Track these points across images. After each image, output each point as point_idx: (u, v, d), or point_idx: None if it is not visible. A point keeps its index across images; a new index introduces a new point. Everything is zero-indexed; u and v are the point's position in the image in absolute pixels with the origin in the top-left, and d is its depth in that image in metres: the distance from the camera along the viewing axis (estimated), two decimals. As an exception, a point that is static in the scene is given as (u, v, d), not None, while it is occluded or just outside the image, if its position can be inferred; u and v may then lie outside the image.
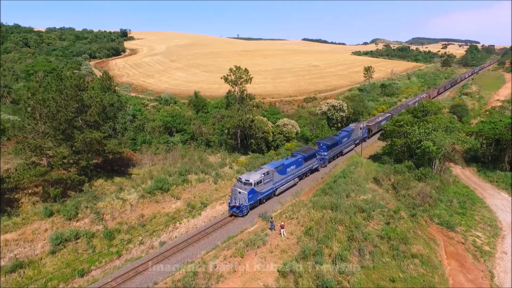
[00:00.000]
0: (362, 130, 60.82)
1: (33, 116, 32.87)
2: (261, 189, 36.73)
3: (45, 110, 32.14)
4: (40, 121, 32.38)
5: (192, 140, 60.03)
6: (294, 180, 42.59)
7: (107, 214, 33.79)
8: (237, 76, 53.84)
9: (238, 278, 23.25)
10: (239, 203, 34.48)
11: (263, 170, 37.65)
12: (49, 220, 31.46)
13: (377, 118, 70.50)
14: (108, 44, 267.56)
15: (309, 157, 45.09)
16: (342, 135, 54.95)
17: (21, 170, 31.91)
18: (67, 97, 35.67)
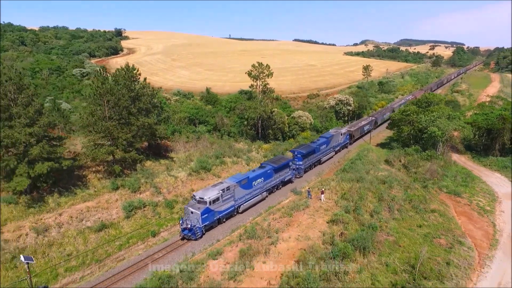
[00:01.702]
0: (343, 136, 56.95)
1: (98, 102, 37.77)
2: (219, 208, 31.98)
3: (112, 97, 37.07)
4: (107, 107, 37.28)
5: (214, 130, 65.28)
6: (262, 194, 37.98)
7: (163, 188, 38.92)
8: (259, 71, 59.20)
9: (295, 228, 28.86)
10: (191, 225, 29.93)
11: (222, 185, 32.77)
12: (117, 193, 36.44)
13: (360, 123, 67.42)
14: (106, 43, 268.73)
15: (281, 167, 40.25)
16: (319, 142, 50.11)
17: (91, 150, 36.78)
18: (124, 86, 40.60)
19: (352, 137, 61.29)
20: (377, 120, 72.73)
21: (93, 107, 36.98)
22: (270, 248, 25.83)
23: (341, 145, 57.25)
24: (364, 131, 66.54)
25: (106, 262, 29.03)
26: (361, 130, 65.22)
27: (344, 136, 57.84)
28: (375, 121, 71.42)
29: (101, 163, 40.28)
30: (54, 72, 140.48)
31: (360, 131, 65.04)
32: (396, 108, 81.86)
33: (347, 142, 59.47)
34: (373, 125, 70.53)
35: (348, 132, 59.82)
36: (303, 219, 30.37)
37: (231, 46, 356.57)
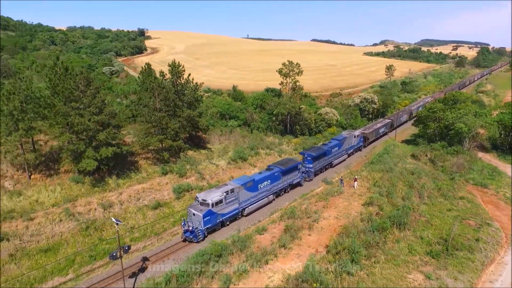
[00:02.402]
0: (356, 138, 54.98)
1: (149, 95, 41.84)
2: (222, 210, 31.16)
3: (163, 91, 41.03)
4: (158, 100, 41.26)
5: (244, 125, 68.78)
6: (269, 197, 36.69)
7: (206, 174, 42.61)
8: (289, 69, 62.24)
9: (333, 210, 31.88)
10: (193, 227, 29.49)
11: (226, 187, 31.99)
12: (166, 177, 40.34)
13: (375, 125, 64.96)
14: (130, 42, 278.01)
15: (289, 170, 38.95)
16: (331, 145, 48.63)
17: (143, 138, 40.86)
18: (170, 81, 44.55)
19: (366, 139, 59.00)
20: (394, 122, 70.18)
21: (147, 100, 40.99)
22: (313, 224, 28.93)
23: (355, 148, 55.30)
24: (380, 133, 64.52)
25: (163, 235, 32.78)
26: (376, 133, 62.86)
27: (358, 139, 55.76)
28: (391, 123, 69.01)
29: (149, 150, 44.44)
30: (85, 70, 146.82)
31: (375, 134, 62.79)
32: (414, 110, 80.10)
33: (360, 145, 57.35)
34: (389, 128, 68.46)
35: (362, 135, 57.63)
36: (339, 202, 33.32)
37: (250, 46, 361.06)
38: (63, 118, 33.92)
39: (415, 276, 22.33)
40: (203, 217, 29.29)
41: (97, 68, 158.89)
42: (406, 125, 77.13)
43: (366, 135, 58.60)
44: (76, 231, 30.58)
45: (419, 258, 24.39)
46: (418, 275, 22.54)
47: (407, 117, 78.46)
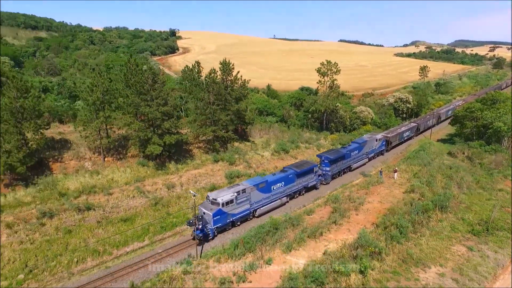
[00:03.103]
0: (378, 142, 53.15)
1: (205, 91, 46.20)
2: (233, 210, 31.03)
3: (216, 86, 45.27)
4: (211, 94, 45.53)
5: (281, 121, 72.22)
6: (282, 199, 36.20)
7: (253, 163, 46.43)
8: (327, 68, 64.99)
9: (375, 196, 34.69)
10: (203, 225, 29.47)
11: (238, 187, 31.92)
12: (218, 164, 44.52)
13: (399, 129, 62.08)
14: (164, 42, 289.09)
15: (304, 172, 38.31)
16: (351, 148, 47.26)
17: (198, 128, 45.26)
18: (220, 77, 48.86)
19: (389, 143, 56.72)
20: (420, 126, 67.28)
21: (203, 94, 45.38)
22: (358, 206, 31.91)
23: (376, 152, 53.20)
24: (404, 138, 61.58)
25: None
26: (400, 137, 60.01)
27: (380, 142, 53.78)
28: (417, 127, 66.32)
29: (200, 141, 48.89)
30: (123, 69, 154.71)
31: (399, 138, 59.91)
32: (443, 114, 77.62)
33: (383, 149, 55.30)
34: (415, 132, 65.96)
35: (385, 138, 55.61)
36: (381, 190, 36.04)
37: (277, 46, 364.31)
38: (134, 108, 38.79)
39: (458, 248, 24.80)
40: (213, 216, 29.32)
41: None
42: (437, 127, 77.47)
43: (389, 139, 56.48)
44: (147, 206, 35.24)
45: (461, 235, 26.77)
46: (461, 247, 24.99)
47: (434, 121, 74.78)
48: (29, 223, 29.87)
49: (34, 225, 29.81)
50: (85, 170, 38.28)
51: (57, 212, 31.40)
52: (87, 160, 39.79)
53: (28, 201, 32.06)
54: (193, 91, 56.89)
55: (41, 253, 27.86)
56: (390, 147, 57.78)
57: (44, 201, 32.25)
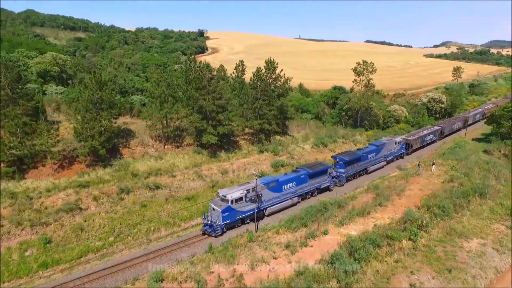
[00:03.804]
0: (397, 145, 51.71)
1: (252, 87, 50.32)
2: (243, 208, 31.58)
3: (262, 83, 49.28)
4: (258, 90, 49.57)
5: (315, 118, 75.41)
6: (293, 199, 36.29)
7: (295, 155, 50.08)
8: (363, 68, 67.55)
9: (415, 185, 37.45)
10: (212, 221, 30.50)
11: (248, 186, 32.40)
12: (263, 154, 48.52)
13: (421, 132, 60.32)
14: (193, 42, 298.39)
15: (317, 173, 38.21)
16: (367, 150, 46.58)
17: (245, 121, 49.43)
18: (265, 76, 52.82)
19: (409, 147, 55.12)
20: (444, 130, 65.00)
21: (250, 91, 49.54)
22: (400, 193, 34.85)
23: (395, 155, 51.92)
24: (426, 141, 59.71)
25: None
26: (421, 140, 58.09)
27: (399, 145, 52.38)
28: (441, 131, 64.13)
29: (246, 133, 53.10)
30: (159, 67, 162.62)
31: (421, 141, 57.96)
32: (470, 118, 74.66)
33: (402, 152, 53.81)
34: (438, 136, 63.94)
35: (405, 141, 54.10)
36: (420, 180, 38.72)
37: (304, 46, 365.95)
38: (193, 102, 43.44)
39: (497, 226, 27.27)
40: (222, 212, 30.03)
41: (169, 66, 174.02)
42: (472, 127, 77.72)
43: (410, 142, 54.86)
44: (205, 187, 39.71)
45: (500, 217, 29.10)
46: (500, 226, 27.42)
47: (461, 125, 71.90)
48: (111, 197, 34.98)
49: (115, 199, 34.89)
50: (150, 155, 43.32)
51: (132, 189, 36.39)
52: (150, 147, 44.87)
53: (107, 179, 37.29)
54: (236, 88, 61.31)
55: (124, 221, 32.84)
56: (411, 151, 55.99)
57: (120, 180, 37.37)
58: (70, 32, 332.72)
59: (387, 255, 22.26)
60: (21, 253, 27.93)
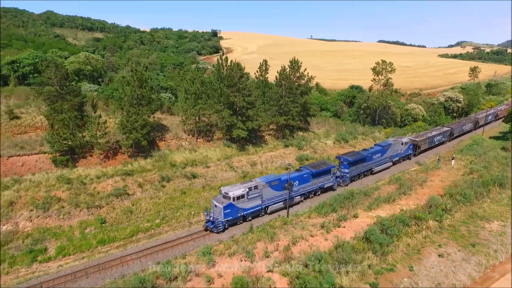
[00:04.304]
0: (404, 145, 51.12)
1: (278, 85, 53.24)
2: (244, 205, 32.22)
3: (288, 82, 52.11)
4: (284, 88, 52.42)
5: (334, 116, 77.78)
6: (295, 198, 36.78)
7: (318, 149, 52.74)
8: (382, 67, 69.64)
9: (436, 177, 39.72)
10: (214, 218, 31.31)
11: (250, 183, 33.14)
12: (288, 149, 51.36)
13: (429, 133, 59.45)
14: (208, 42, 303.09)
15: (320, 173, 38.40)
16: (372, 151, 46.20)
17: (271, 117, 52.34)
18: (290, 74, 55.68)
19: (417, 147, 54.28)
20: (454, 131, 64.08)
21: (276, 88, 52.45)
22: (422, 183, 37.21)
23: (401, 156, 51.39)
24: (435, 142, 58.72)
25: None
26: (430, 141, 57.13)
27: (406, 146, 51.75)
28: (451, 132, 63.25)
29: (270, 128, 56.00)
30: (177, 67, 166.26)
31: (429, 142, 56.98)
32: (482, 119, 74.33)
33: (409, 153, 53.21)
34: (448, 137, 63.10)
35: (412, 142, 53.46)
36: (440, 173, 40.95)
37: (317, 46, 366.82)
38: (224, 98, 46.54)
39: None
40: (224, 209, 30.73)
41: (186, 65, 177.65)
42: (490, 125, 78.71)
43: (417, 143, 54.09)
44: (237, 177, 42.72)
45: (520, 204, 31.37)
46: None
47: (471, 126, 71.09)
48: (154, 184, 38.34)
49: (157, 186, 38.24)
50: (184, 148, 46.63)
51: (172, 178, 39.69)
52: (184, 140, 48.17)
53: (149, 168, 40.67)
54: (259, 86, 64.22)
55: (167, 206, 36.11)
56: (418, 152, 55.11)
57: (161, 169, 40.71)
58: (88, 33, 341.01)
59: (415, 233, 24.85)
60: (81, 231, 31.43)
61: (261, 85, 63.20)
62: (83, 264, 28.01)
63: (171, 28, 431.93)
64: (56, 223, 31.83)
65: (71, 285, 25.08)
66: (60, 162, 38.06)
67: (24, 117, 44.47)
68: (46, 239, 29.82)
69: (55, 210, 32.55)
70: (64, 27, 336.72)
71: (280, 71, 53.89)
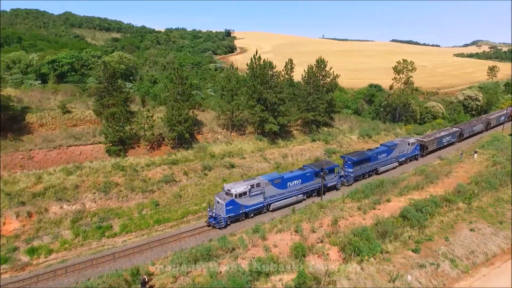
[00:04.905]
0: (411, 146, 50.81)
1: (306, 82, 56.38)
2: (246, 202, 32.96)
3: (315, 80, 55.19)
4: (311, 86, 55.54)
5: (354, 113, 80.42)
6: (298, 196, 37.13)
7: (343, 144, 55.67)
8: (403, 67, 71.99)
9: (461, 168, 42.28)
10: (216, 214, 32.35)
11: (253, 181, 33.96)
12: (315, 143, 54.45)
13: (438, 133, 58.96)
14: (222, 42, 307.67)
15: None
16: (377, 151, 46.39)
17: (299, 113, 55.54)
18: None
19: (424, 148, 53.81)
20: (463, 132, 63.26)
21: (304, 86, 55.62)
22: (447, 174, 39.87)
23: (408, 156, 51.08)
24: (443, 143, 58.14)
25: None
26: (438, 142, 56.61)
27: (413, 147, 51.34)
28: (461, 133, 62.52)
29: (297, 124, 59.17)
30: (195, 67, 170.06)
31: (437, 143, 56.50)
32: (494, 120, 73.79)
33: (416, 154, 52.75)
34: (457, 138, 62.31)
35: (419, 143, 52.92)
36: (464, 165, 43.46)
37: (329, 46, 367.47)
38: (258, 94, 49.91)
39: None
40: (226, 205, 31.61)
41: (204, 65, 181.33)
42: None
43: (425, 144, 53.56)
44: (271, 168, 46.02)
45: (544, 191, 33.71)
46: None
47: (482, 127, 70.63)
48: (197, 173, 41.98)
49: (200, 174, 41.87)
50: (220, 141, 50.18)
51: (213, 167, 43.25)
52: (219, 134, 51.73)
53: (191, 158, 44.35)
54: (285, 84, 67.33)
55: (211, 191, 39.61)
56: (426, 152, 54.57)
57: (202, 159, 44.32)
58: (105, 33, 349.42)
59: (447, 212, 27.70)
60: (139, 212, 35.23)
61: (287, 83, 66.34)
62: (144, 240, 31.78)
63: (185, 28, 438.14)
64: (116, 204, 35.70)
65: (138, 257, 28.76)
66: (113, 152, 42.01)
67: (75, 112, 48.67)
68: (110, 218, 33.68)
69: (115, 193, 36.44)
70: (82, 27, 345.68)
71: (307, 69, 56.95)
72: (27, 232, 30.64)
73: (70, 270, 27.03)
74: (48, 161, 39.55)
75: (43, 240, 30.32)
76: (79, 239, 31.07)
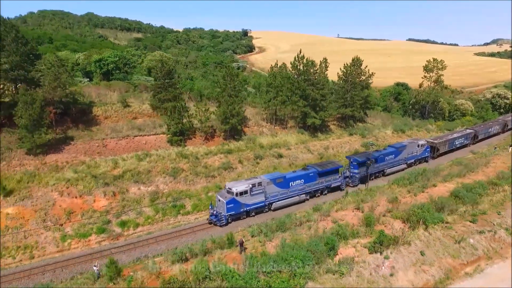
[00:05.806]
0: (420, 148, 49.74)
1: (343, 80, 59.80)
2: (248, 201, 33.32)
3: (352, 77, 58.58)
4: (348, 83, 58.99)
5: (384, 111, 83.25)
6: (300, 196, 37.12)
7: (379, 138, 58.92)
8: (433, 65, 74.48)
9: (497, 160, 45.16)
10: (217, 212, 32.82)
11: (254, 180, 34.27)
12: (352, 137, 57.95)
13: (450, 135, 57.69)
14: (241, 42, 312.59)
15: (327, 172, 38.65)
16: (385, 152, 46.06)
17: (336, 109, 59.08)
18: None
19: (435, 150, 52.53)
20: (478, 133, 61.37)
21: (342, 84, 59.16)
22: (486, 164, 42.82)
23: (417, 158, 49.93)
24: (456, 145, 56.53)
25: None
26: (450, 144, 55.17)
27: (422, 148, 50.19)
28: (475, 134, 60.85)
29: (333, 119, 62.70)
30: (217, 66, 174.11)
31: (449, 145, 55.04)
32: (510, 122, 71.36)
33: (426, 156, 51.40)
34: (471, 140, 60.63)
35: (429, 144, 51.76)
36: (500, 157, 46.34)
37: (346, 46, 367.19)
38: (301, 91, 53.69)
39: None
40: (227, 204, 32.10)
41: (226, 64, 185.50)
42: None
43: (436, 145, 52.30)
44: (315, 158, 49.75)
45: None
46: None
47: (499, 129, 68.75)
48: (250, 161, 46.07)
49: (253, 162, 45.95)
50: (265, 134, 54.21)
51: (263, 156, 47.28)
52: (264, 127, 55.77)
53: (243, 148, 48.49)
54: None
55: (265, 178, 43.59)
56: (437, 155, 53.24)
57: (252, 150, 48.41)
58: (126, 33, 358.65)
59: (495, 193, 30.93)
60: (205, 194, 39.50)
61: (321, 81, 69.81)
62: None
63: (202, 28, 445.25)
64: (185, 187, 40.10)
65: (214, 231, 32.77)
66: (175, 142, 46.51)
67: (133, 106, 53.45)
68: (182, 198, 38.08)
69: (182, 178, 40.88)
70: (104, 27, 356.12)
71: (345, 67, 60.37)
72: (115, 209, 35.29)
73: (159, 240, 31.48)
74: (120, 148, 44.36)
75: (129, 215, 34.92)
76: (159, 215, 35.54)
